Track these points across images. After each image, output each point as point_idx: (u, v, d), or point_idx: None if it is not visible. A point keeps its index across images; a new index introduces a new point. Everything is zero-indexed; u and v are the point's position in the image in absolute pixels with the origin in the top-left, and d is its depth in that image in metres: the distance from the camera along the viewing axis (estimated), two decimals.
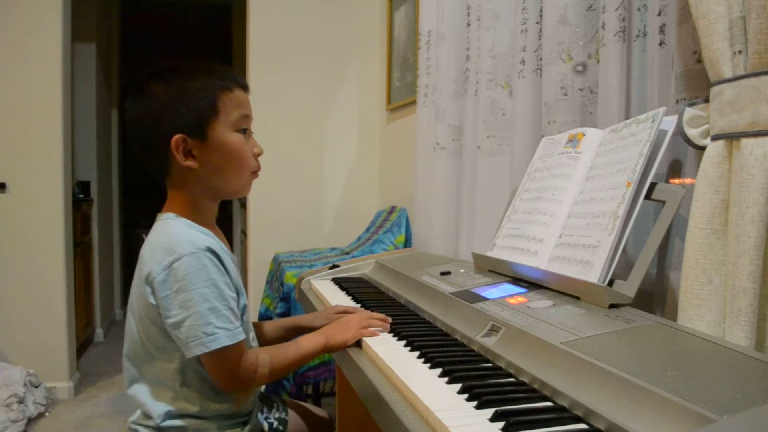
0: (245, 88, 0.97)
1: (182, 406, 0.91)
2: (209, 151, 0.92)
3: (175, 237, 0.89)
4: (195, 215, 0.95)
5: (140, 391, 0.92)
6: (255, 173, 0.99)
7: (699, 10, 0.76)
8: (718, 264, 0.75)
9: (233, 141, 0.94)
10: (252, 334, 1.02)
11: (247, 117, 0.96)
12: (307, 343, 0.96)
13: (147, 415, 0.92)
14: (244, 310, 0.95)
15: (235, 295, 0.91)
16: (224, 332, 0.85)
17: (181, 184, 0.95)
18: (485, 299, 0.95)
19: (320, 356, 1.08)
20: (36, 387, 2.54)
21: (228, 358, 0.87)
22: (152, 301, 0.87)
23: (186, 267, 0.85)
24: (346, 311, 1.11)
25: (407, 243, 2.20)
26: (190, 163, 0.91)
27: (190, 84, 0.92)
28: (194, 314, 0.84)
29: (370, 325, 0.96)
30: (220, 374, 0.88)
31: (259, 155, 0.98)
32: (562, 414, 0.61)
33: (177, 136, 0.90)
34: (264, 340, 1.14)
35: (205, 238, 0.90)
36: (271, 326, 1.18)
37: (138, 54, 4.71)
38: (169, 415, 0.91)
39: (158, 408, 0.90)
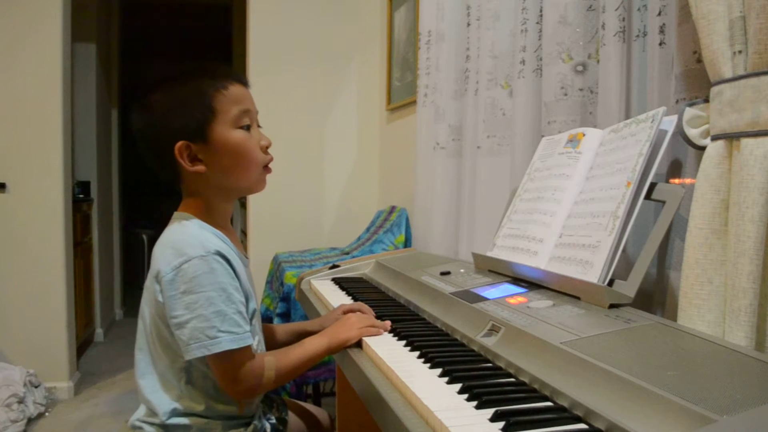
0: (243, 82, 0.96)
1: (188, 404, 0.91)
2: (214, 153, 0.92)
3: (186, 238, 0.89)
4: (209, 217, 0.95)
5: (147, 386, 0.92)
6: (267, 167, 0.98)
7: (699, 10, 0.76)
8: (718, 264, 0.75)
9: (236, 138, 0.93)
10: (258, 338, 1.02)
11: (247, 111, 0.95)
12: (310, 345, 0.96)
13: (152, 412, 0.92)
14: (253, 314, 0.95)
15: (244, 299, 0.91)
16: (228, 336, 0.85)
17: (194, 189, 0.95)
18: (485, 299, 0.95)
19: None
20: (36, 387, 2.54)
21: (233, 362, 0.87)
22: (160, 299, 0.88)
23: (194, 269, 0.85)
24: (351, 310, 1.11)
25: (407, 243, 2.20)
26: (197, 167, 0.92)
27: (184, 89, 0.92)
28: (198, 317, 0.84)
29: (373, 325, 0.96)
30: (225, 378, 0.88)
31: (267, 147, 0.97)
32: (562, 414, 0.61)
33: (180, 143, 0.90)
34: (274, 344, 1.14)
35: (216, 241, 0.91)
36: (281, 330, 1.18)
37: (138, 54, 4.72)
38: (175, 413, 0.91)
39: (164, 405, 0.90)
